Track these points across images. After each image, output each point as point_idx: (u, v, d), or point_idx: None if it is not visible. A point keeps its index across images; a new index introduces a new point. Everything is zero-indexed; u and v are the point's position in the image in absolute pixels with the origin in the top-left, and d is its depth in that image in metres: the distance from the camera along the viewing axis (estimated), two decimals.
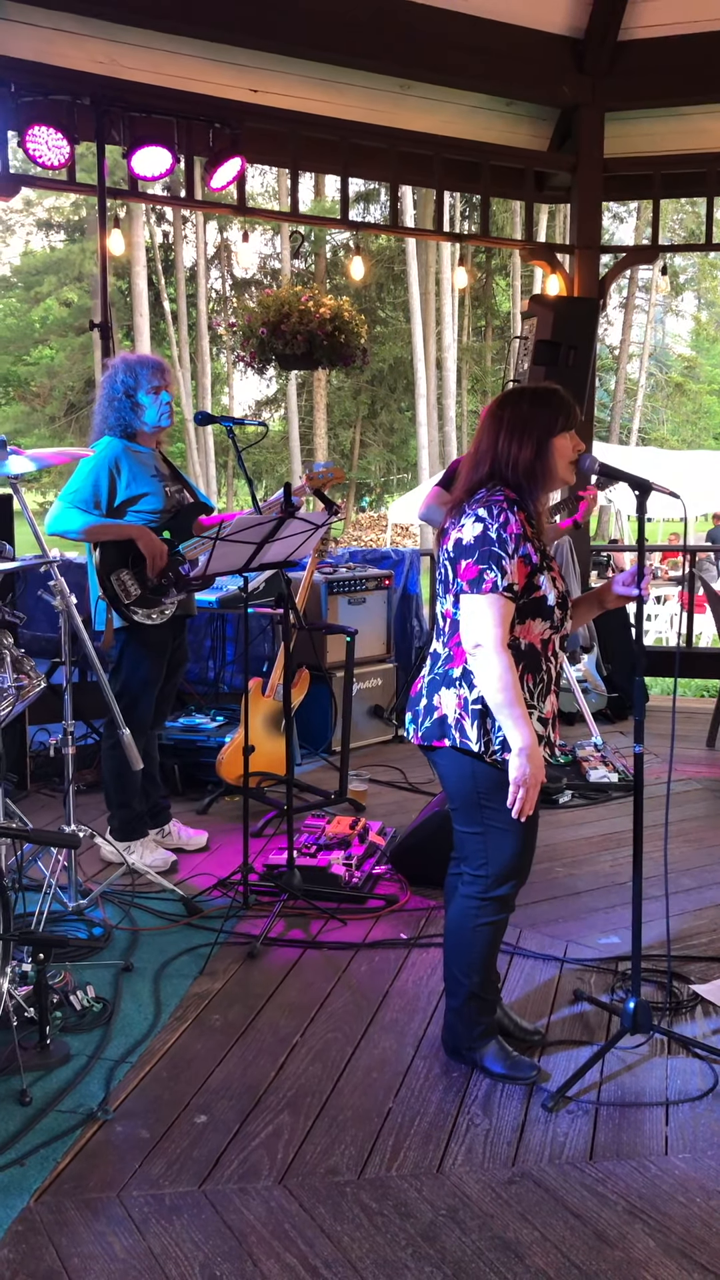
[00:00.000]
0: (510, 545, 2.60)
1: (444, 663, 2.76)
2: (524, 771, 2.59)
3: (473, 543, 2.62)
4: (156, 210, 29.63)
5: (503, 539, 2.59)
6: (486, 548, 2.60)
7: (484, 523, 2.61)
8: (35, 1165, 2.49)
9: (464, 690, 2.69)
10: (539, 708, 2.73)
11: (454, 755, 2.72)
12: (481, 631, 2.59)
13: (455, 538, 2.68)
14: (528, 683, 2.69)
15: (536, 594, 2.67)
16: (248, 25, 5.83)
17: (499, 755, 2.65)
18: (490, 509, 2.62)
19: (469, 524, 2.64)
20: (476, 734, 2.66)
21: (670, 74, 6.57)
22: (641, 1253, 2.24)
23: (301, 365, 7.29)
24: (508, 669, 2.58)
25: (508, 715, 2.59)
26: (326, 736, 5.94)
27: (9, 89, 5.41)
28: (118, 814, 4.27)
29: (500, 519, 2.61)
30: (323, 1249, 2.24)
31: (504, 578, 2.59)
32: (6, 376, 33.00)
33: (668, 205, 27.15)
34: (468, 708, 2.67)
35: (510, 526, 2.61)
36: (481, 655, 2.60)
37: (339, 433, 33.73)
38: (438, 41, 6.24)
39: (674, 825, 4.75)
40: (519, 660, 2.66)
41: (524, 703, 2.61)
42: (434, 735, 2.75)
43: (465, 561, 2.62)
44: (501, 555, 2.59)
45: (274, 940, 3.65)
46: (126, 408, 4.11)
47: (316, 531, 3.91)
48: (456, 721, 2.69)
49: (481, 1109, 2.73)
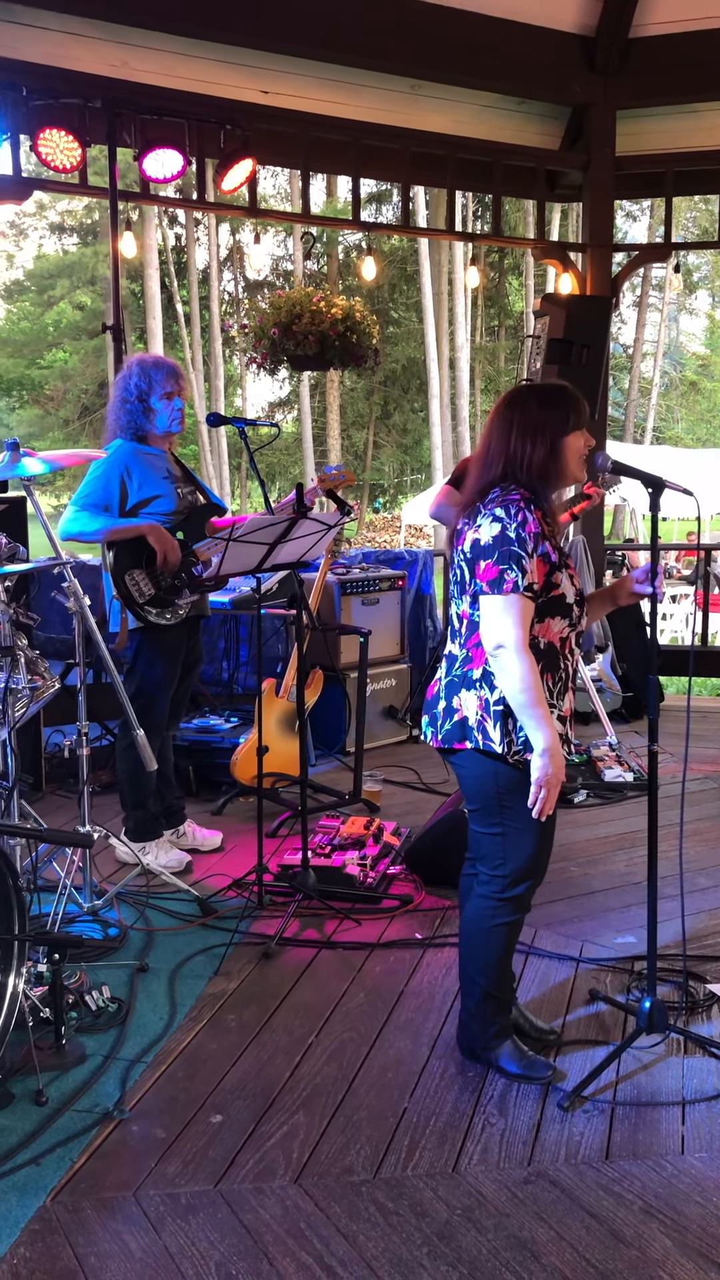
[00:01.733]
0: (530, 544, 2.58)
1: (462, 664, 2.75)
2: (546, 771, 2.57)
3: (491, 543, 2.60)
4: (169, 213, 29.73)
5: (522, 538, 2.58)
6: (506, 548, 2.58)
7: (502, 522, 2.60)
8: (51, 1164, 2.50)
9: (485, 691, 2.67)
10: (558, 706, 2.72)
11: (476, 757, 2.71)
12: (503, 632, 2.58)
13: (472, 538, 2.65)
14: (547, 681, 2.67)
15: (555, 592, 2.66)
16: (259, 27, 5.84)
17: (521, 756, 2.64)
18: (508, 508, 2.61)
19: (486, 524, 2.62)
20: (499, 735, 2.64)
21: (682, 71, 6.55)
22: (658, 1252, 2.23)
23: (314, 366, 7.30)
24: (530, 669, 2.57)
25: (530, 715, 2.57)
26: (340, 737, 5.94)
27: (21, 93, 5.43)
28: (133, 815, 4.28)
29: (519, 518, 2.59)
30: (338, 1248, 2.24)
31: (524, 577, 2.57)
32: (20, 380, 33.10)
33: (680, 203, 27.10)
34: (489, 709, 2.66)
35: (529, 525, 2.59)
36: (504, 656, 2.58)
37: (352, 434, 33.73)
38: (449, 41, 6.23)
39: (689, 824, 4.74)
40: (539, 659, 2.64)
41: (546, 702, 2.61)
42: (455, 738, 2.73)
43: (484, 562, 2.61)
44: (521, 555, 2.57)
45: (289, 940, 3.65)
46: (139, 411, 4.12)
47: (329, 532, 3.91)
48: (479, 723, 2.68)
49: (497, 1109, 2.73)
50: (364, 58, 6.20)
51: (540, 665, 2.64)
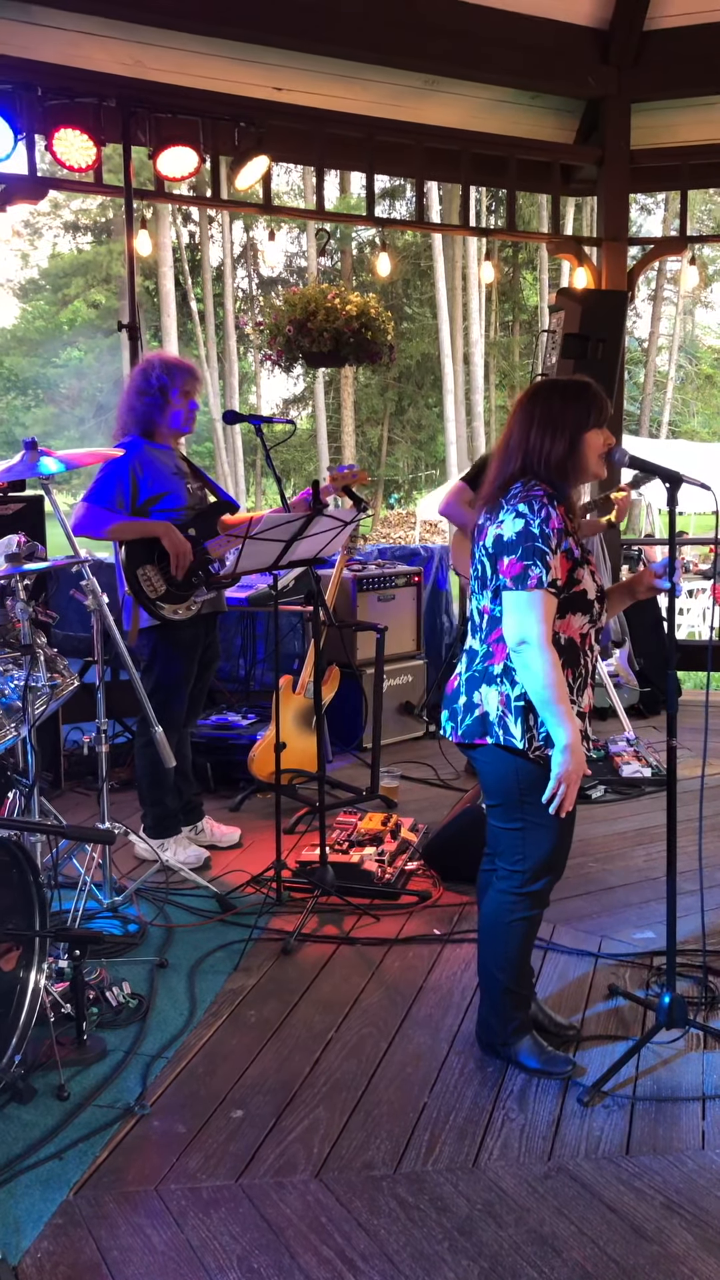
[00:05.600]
0: (553, 540, 2.57)
1: (483, 659, 2.74)
2: (567, 767, 2.57)
3: (515, 538, 2.59)
4: (183, 211, 29.77)
5: (545, 534, 2.57)
6: (530, 543, 2.57)
7: (525, 518, 2.58)
8: (74, 1159, 2.51)
9: (506, 687, 2.67)
10: (578, 702, 2.71)
11: (496, 753, 2.71)
12: (526, 628, 2.57)
13: (495, 534, 2.64)
14: (567, 677, 2.66)
15: (577, 588, 2.65)
16: (273, 24, 5.85)
17: (543, 752, 2.64)
18: (531, 504, 2.59)
19: (510, 519, 2.61)
20: (520, 731, 2.64)
21: (697, 63, 6.52)
22: (679, 1247, 2.23)
23: (328, 363, 7.31)
24: (552, 665, 2.56)
25: (552, 711, 2.57)
26: (357, 733, 5.94)
27: (36, 92, 5.45)
28: (151, 811, 4.29)
29: (542, 514, 2.58)
30: (359, 1242, 2.25)
31: (548, 573, 2.56)
32: (36, 379, 33.22)
33: (696, 196, 26.95)
34: (510, 704, 2.65)
35: (552, 521, 2.58)
36: (527, 652, 2.57)
37: (367, 430, 33.72)
38: (462, 36, 6.22)
39: (708, 819, 4.72)
40: (560, 655, 2.63)
41: (568, 698, 2.60)
42: (475, 733, 2.73)
43: (508, 558, 2.59)
44: (545, 550, 2.56)
45: (307, 936, 3.66)
46: (156, 405, 4.14)
47: (345, 528, 3.91)
48: (499, 719, 2.67)
49: (517, 1104, 2.73)
50: (377, 53, 6.20)
51: (561, 661, 2.63)
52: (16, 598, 3.27)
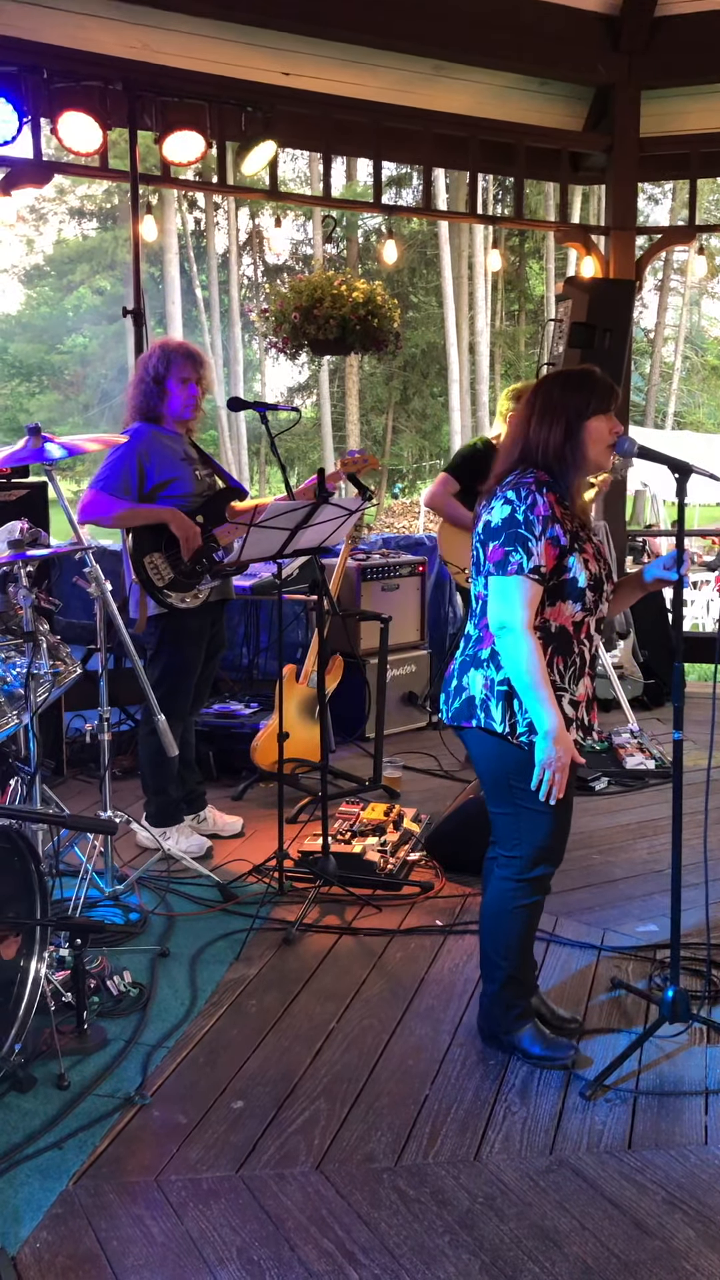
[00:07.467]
0: (538, 527, 2.60)
1: (474, 644, 2.77)
2: (550, 755, 2.58)
3: (500, 524, 2.63)
4: (189, 197, 29.59)
5: (529, 520, 2.59)
6: (513, 529, 2.60)
7: (512, 505, 2.62)
8: (73, 1149, 2.50)
9: (490, 671, 2.70)
10: (570, 690, 2.71)
11: (481, 736, 2.73)
12: (507, 613, 2.60)
13: (485, 520, 2.70)
14: (558, 665, 2.68)
15: (566, 575, 2.66)
16: (281, 8, 5.80)
17: (525, 738, 2.64)
18: (519, 491, 2.63)
19: (498, 506, 2.65)
20: (501, 715, 2.66)
21: (707, 50, 6.46)
22: (681, 1242, 2.22)
23: (334, 351, 7.27)
24: (532, 651, 2.58)
25: (533, 697, 2.59)
26: (361, 723, 5.93)
27: (41, 75, 5.39)
28: (154, 800, 4.28)
29: (528, 500, 2.61)
30: (360, 1235, 2.24)
31: (530, 559, 2.58)
32: (40, 365, 33.14)
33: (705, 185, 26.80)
34: (494, 689, 2.68)
35: (538, 508, 2.60)
36: (507, 637, 2.61)
37: (371, 419, 33.62)
38: (471, 21, 6.17)
39: (713, 812, 4.70)
40: (549, 643, 2.66)
41: (550, 685, 2.61)
42: (463, 716, 2.76)
43: (493, 544, 2.64)
44: (528, 537, 2.59)
45: (309, 926, 3.65)
46: (153, 393, 4.12)
47: (350, 517, 3.89)
48: (483, 702, 2.70)
49: (519, 1097, 2.72)
50: (385, 38, 6.14)
51: (551, 648, 2.66)
52: (19, 584, 3.25)
